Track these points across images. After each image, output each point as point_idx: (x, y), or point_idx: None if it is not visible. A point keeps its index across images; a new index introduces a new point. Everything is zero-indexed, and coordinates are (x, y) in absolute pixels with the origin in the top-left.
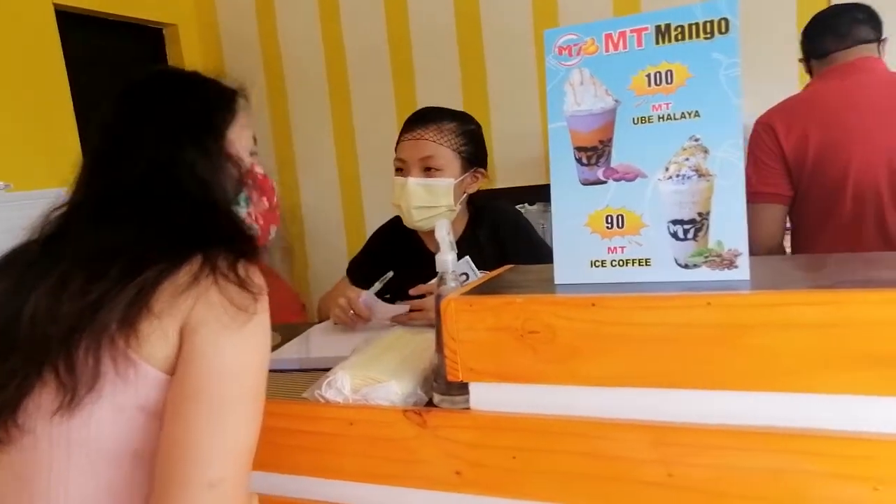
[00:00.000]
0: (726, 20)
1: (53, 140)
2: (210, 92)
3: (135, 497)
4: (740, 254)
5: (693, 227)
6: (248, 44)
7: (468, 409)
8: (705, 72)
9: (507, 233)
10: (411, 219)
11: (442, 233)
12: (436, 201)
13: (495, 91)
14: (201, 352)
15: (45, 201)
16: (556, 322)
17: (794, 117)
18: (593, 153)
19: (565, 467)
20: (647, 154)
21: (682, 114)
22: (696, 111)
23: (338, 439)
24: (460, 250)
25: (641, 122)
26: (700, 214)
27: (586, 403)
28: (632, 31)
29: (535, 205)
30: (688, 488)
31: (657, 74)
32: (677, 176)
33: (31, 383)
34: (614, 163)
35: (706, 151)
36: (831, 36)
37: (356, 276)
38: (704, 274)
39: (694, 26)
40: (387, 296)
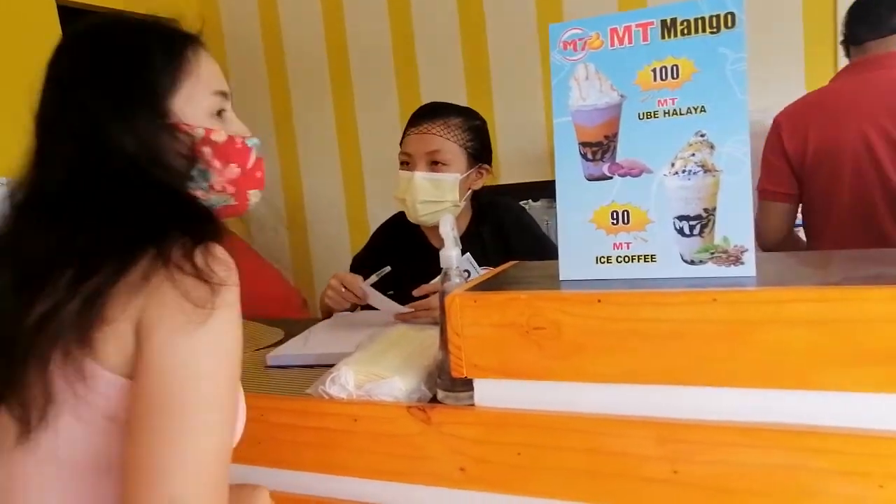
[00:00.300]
0: (732, 14)
1: None
2: (148, 47)
3: None
4: (746, 250)
5: (699, 222)
6: (251, 38)
7: (472, 405)
8: (711, 67)
9: (511, 229)
10: (416, 213)
11: (446, 228)
12: (441, 196)
13: (499, 86)
14: (155, 357)
15: None
16: (562, 318)
17: (799, 118)
18: (598, 148)
19: (570, 464)
20: (653, 149)
21: (688, 109)
22: (703, 106)
23: (341, 435)
24: (464, 246)
25: (647, 118)
26: (706, 210)
27: (591, 400)
28: (637, 26)
29: (539, 201)
30: (693, 485)
31: (663, 69)
32: (683, 171)
33: None
34: (619, 158)
35: (712, 147)
36: (867, 23)
37: (359, 272)
38: (710, 270)
39: (700, 21)
40: (390, 292)
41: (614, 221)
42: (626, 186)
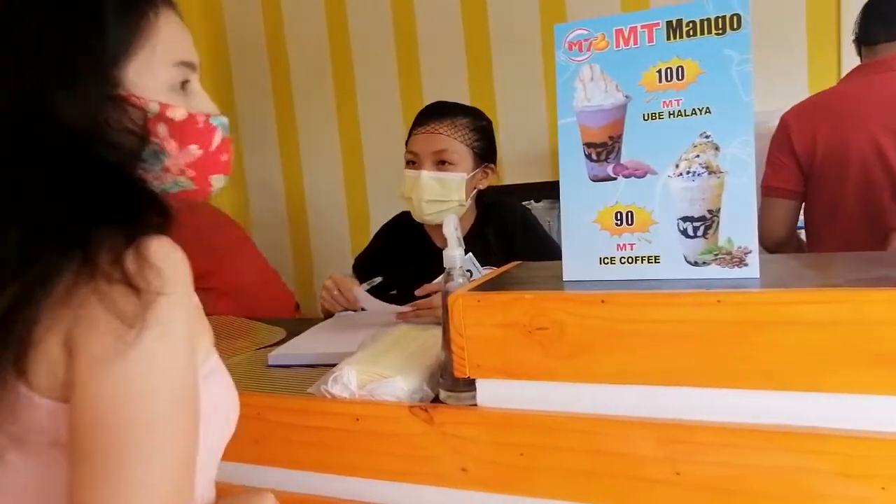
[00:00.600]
0: (738, 16)
1: None
2: (100, 3)
3: None
4: (750, 251)
5: (703, 224)
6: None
7: (475, 405)
8: (717, 68)
9: (514, 229)
10: (422, 212)
11: (449, 228)
12: (448, 195)
13: (501, 86)
14: (86, 381)
15: None
16: (565, 319)
17: (808, 117)
18: (603, 149)
19: (573, 464)
20: (658, 150)
21: (693, 110)
22: (708, 108)
23: (343, 435)
24: (467, 246)
25: (652, 119)
26: (710, 212)
27: (594, 400)
28: (643, 27)
29: (542, 202)
30: (695, 486)
31: (668, 70)
32: (688, 173)
33: None
34: (624, 159)
35: (717, 148)
36: (880, 23)
37: (362, 272)
38: (714, 272)
39: (706, 22)
40: (393, 292)
41: (618, 222)
42: (630, 187)
